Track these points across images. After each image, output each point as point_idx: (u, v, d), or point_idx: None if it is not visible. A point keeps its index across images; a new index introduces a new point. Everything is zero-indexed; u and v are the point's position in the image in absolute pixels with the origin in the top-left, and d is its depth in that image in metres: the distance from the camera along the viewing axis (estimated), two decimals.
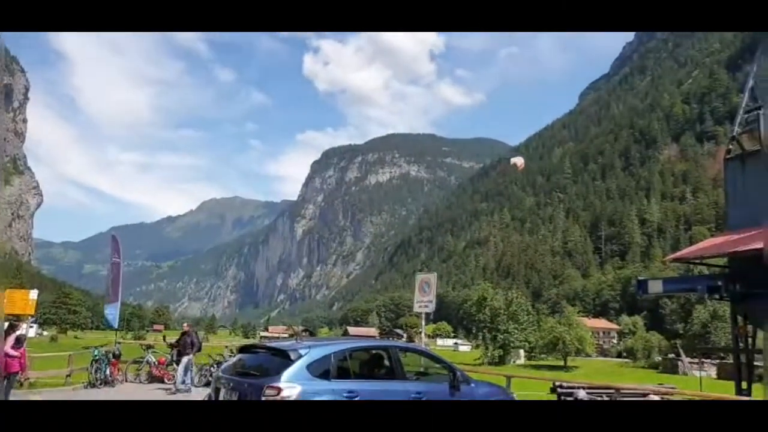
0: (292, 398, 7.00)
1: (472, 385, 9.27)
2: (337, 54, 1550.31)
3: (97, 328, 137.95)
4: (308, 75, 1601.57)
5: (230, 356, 13.77)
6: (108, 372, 17.14)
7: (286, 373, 7.22)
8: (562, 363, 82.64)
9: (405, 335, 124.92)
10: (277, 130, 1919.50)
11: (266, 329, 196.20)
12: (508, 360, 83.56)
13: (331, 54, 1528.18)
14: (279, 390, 7.03)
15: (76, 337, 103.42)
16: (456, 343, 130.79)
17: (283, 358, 7.55)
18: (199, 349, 18.17)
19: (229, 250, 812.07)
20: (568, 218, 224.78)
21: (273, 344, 8.59)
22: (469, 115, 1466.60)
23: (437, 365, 9.55)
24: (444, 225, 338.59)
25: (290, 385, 7.09)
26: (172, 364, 18.87)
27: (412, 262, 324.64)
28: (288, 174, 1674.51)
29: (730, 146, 16.75)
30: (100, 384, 16.63)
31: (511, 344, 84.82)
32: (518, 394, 14.17)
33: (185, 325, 19.00)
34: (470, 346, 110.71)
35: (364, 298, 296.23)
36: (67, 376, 17.34)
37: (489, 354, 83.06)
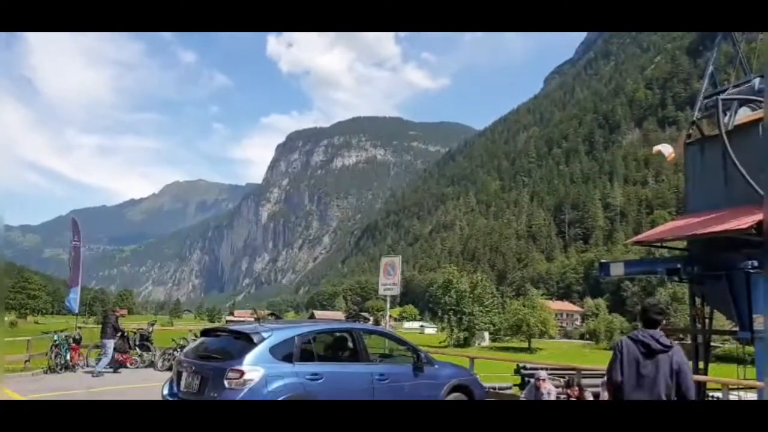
0: (255, 381, 6.96)
1: (436, 366, 9.33)
2: (301, 35, 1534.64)
3: (58, 313, 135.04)
4: (272, 56, 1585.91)
5: (193, 340, 13.60)
6: (69, 357, 16.77)
7: (249, 356, 7.16)
8: (526, 345, 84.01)
9: (371, 319, 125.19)
10: (241, 113, 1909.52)
11: (232, 314, 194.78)
12: (473, 342, 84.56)
13: (295, 35, 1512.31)
14: (242, 373, 6.97)
15: (36, 323, 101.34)
16: (422, 326, 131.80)
17: (245, 341, 7.49)
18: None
19: (193, 233, 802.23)
20: (532, 202, 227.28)
21: (235, 327, 8.50)
22: (435, 99, 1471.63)
23: (401, 347, 9.59)
24: (410, 209, 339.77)
25: (253, 368, 7.04)
26: (134, 349, 18.59)
27: (378, 245, 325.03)
28: (252, 157, 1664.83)
29: (690, 131, 17.01)
30: (61, 369, 16.28)
31: (476, 326, 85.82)
32: (482, 375, 14.35)
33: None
34: (436, 329, 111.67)
35: (330, 282, 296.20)
36: (26, 361, 16.95)
37: (454, 336, 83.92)
